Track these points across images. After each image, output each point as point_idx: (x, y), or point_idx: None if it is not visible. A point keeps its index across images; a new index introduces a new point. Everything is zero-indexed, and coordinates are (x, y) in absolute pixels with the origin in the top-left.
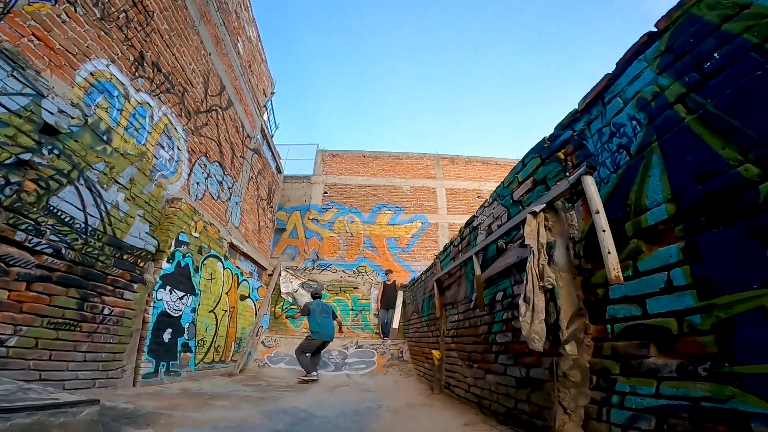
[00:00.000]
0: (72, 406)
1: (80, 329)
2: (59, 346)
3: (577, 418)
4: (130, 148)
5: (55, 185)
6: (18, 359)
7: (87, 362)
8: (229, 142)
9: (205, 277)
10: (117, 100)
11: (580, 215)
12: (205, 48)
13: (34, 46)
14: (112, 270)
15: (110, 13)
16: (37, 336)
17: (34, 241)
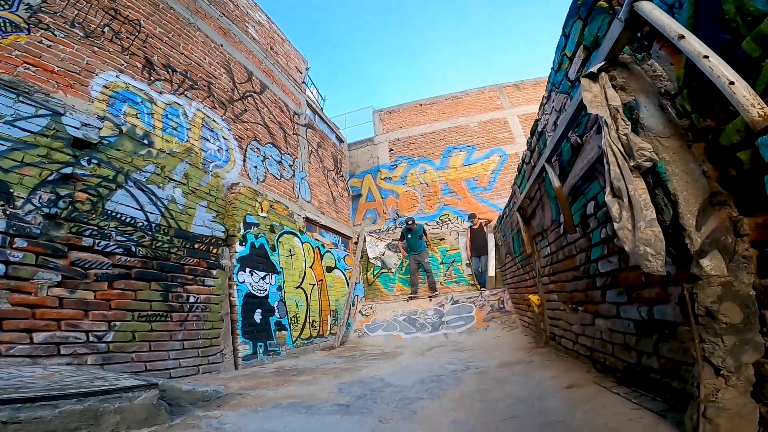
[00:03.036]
0: (127, 391)
1: (171, 319)
2: (155, 336)
3: (741, 381)
4: (174, 147)
5: (105, 191)
6: (120, 353)
7: (186, 350)
8: (276, 123)
9: (284, 254)
10: (143, 105)
11: (665, 60)
12: (214, 41)
13: (33, 73)
14: (187, 260)
15: (92, 31)
16: (132, 329)
17: (102, 243)
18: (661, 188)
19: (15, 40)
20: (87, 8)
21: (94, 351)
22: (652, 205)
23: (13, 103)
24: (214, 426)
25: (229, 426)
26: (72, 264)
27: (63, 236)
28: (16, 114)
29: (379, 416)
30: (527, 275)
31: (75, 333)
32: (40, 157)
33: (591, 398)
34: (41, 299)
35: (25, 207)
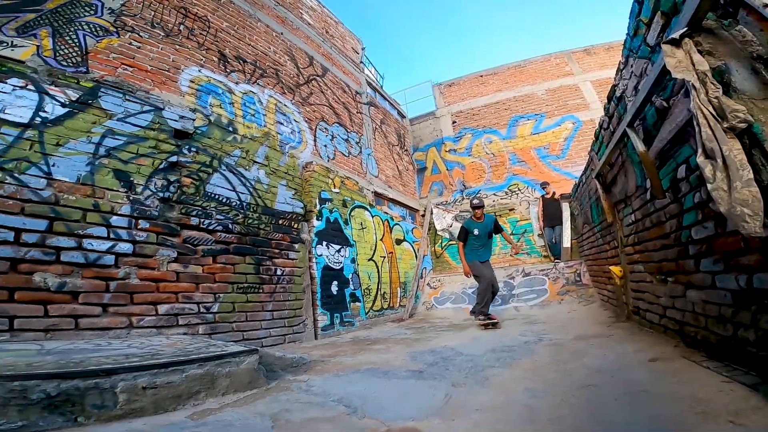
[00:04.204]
0: (235, 356)
1: (263, 290)
2: (250, 307)
3: None
4: (254, 132)
5: (204, 175)
6: (223, 323)
7: (275, 320)
8: (341, 103)
9: (356, 228)
10: (224, 96)
11: (754, 26)
12: (274, 30)
13: (130, 72)
14: (274, 235)
15: (171, 29)
16: (232, 300)
17: (206, 222)
18: (758, 148)
19: (108, 43)
20: (161, 9)
21: (203, 321)
22: (748, 165)
23: (122, 102)
24: (303, 389)
25: (316, 388)
26: (184, 241)
27: (175, 217)
28: (126, 111)
29: (452, 381)
30: (608, 245)
31: (189, 304)
32: (150, 149)
33: (678, 371)
34: (163, 274)
35: (144, 193)
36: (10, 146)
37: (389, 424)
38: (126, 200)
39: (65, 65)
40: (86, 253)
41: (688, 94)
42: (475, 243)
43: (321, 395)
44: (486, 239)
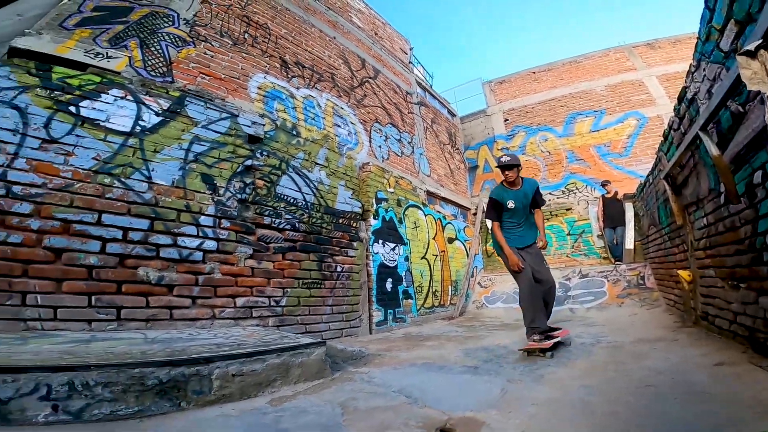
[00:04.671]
0: (306, 347)
1: (324, 286)
2: (313, 302)
3: None
4: (315, 135)
5: (275, 177)
6: (289, 316)
7: (334, 314)
8: (392, 104)
9: (409, 226)
10: (287, 101)
11: None
12: (327, 34)
13: (208, 81)
14: (334, 233)
15: (237, 38)
16: (297, 295)
17: (277, 221)
18: None
19: (187, 53)
20: (226, 18)
21: (273, 314)
22: None
23: (204, 110)
24: (365, 380)
25: (377, 379)
26: (258, 239)
27: (251, 216)
28: (208, 119)
29: (507, 378)
30: (676, 248)
31: (262, 298)
32: (229, 153)
33: (743, 375)
34: (240, 269)
35: (225, 194)
36: (116, 153)
37: (449, 413)
38: (211, 201)
39: (154, 75)
40: (180, 250)
41: (764, 102)
42: (510, 221)
43: (382, 386)
44: (526, 215)
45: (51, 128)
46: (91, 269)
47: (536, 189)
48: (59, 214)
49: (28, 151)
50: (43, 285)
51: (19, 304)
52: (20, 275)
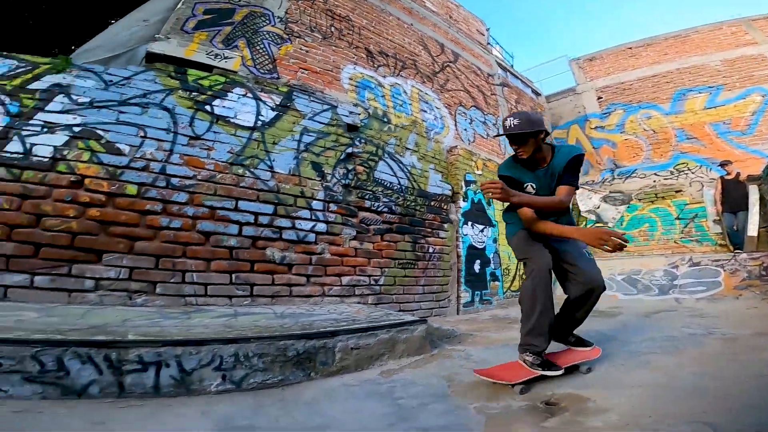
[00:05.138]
0: (411, 324)
1: (417, 266)
2: (407, 281)
3: None
4: (404, 121)
5: (372, 163)
6: (386, 294)
7: (425, 294)
8: (475, 87)
9: (497, 208)
10: (376, 89)
11: None
12: (404, 21)
13: (307, 75)
14: (426, 215)
15: (325, 32)
16: (394, 275)
17: (376, 205)
18: None
19: (286, 49)
20: (313, 13)
21: (372, 292)
22: None
23: (308, 102)
24: (463, 356)
25: (475, 357)
26: (361, 222)
27: (354, 200)
28: (312, 111)
29: (609, 362)
30: None
31: (363, 277)
32: (332, 142)
33: None
34: (346, 250)
35: (332, 180)
36: (245, 146)
37: (551, 390)
38: (320, 187)
39: (263, 72)
40: (297, 232)
41: None
42: None
43: (480, 363)
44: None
45: (194, 126)
46: (232, 250)
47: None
48: (207, 202)
49: (179, 147)
50: (197, 264)
51: (180, 281)
52: (180, 256)
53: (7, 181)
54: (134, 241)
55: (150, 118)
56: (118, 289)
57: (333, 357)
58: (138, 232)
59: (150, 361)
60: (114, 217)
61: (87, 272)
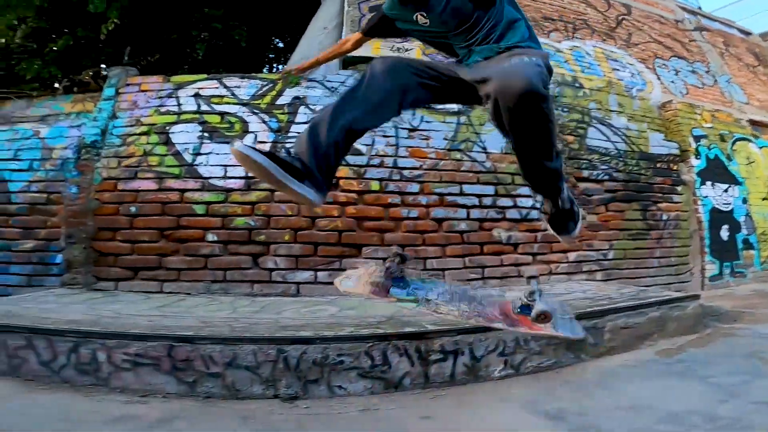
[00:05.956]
0: (682, 300)
1: (649, 237)
2: (638, 254)
3: None
4: (597, 83)
5: (582, 131)
6: (615, 269)
7: (661, 267)
8: (665, 36)
9: (741, 163)
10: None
11: None
12: None
13: None
14: (654, 179)
15: None
16: (623, 247)
17: (594, 173)
18: None
19: None
20: None
21: (600, 268)
22: None
23: None
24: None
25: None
26: (581, 193)
27: (570, 172)
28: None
29: None
30: None
31: (589, 252)
32: None
33: None
34: None
35: None
36: (456, 131)
37: None
38: None
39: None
40: (520, 210)
41: None
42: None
43: None
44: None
45: (409, 119)
46: (463, 234)
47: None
48: (436, 189)
49: (402, 140)
50: (435, 251)
51: (422, 269)
52: (420, 244)
53: None
54: (383, 233)
55: None
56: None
57: (602, 337)
58: (385, 225)
59: (450, 350)
60: (365, 212)
61: (353, 265)
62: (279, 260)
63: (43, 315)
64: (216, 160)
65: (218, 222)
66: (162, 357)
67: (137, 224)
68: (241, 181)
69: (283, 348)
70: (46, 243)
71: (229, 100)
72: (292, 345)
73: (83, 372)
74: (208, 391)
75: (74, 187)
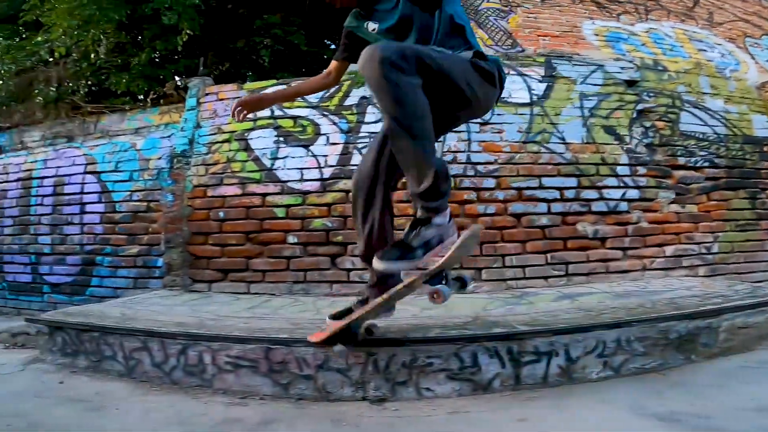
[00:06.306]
0: None
1: (760, 227)
2: (748, 246)
3: None
4: (683, 65)
5: (673, 116)
6: (721, 264)
7: None
8: (751, 13)
9: None
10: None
11: None
12: None
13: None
14: (761, 164)
15: None
16: (730, 240)
17: (692, 160)
18: None
19: (515, 20)
20: None
21: (704, 263)
22: None
23: (571, 67)
24: None
25: None
26: (678, 182)
27: (663, 159)
28: (579, 74)
29: None
30: None
31: (690, 245)
32: (617, 102)
33: None
34: (665, 216)
35: (631, 142)
36: (530, 123)
37: None
38: (621, 151)
39: (506, 48)
40: (607, 202)
41: None
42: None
43: None
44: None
45: None
46: (544, 229)
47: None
48: (513, 184)
49: (474, 135)
50: (514, 247)
51: (501, 266)
52: (499, 240)
53: None
54: (459, 231)
55: None
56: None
57: (716, 338)
58: (460, 222)
59: (544, 351)
60: None
61: None
62: (356, 260)
63: (153, 317)
64: (292, 164)
65: (298, 224)
66: (260, 359)
67: (225, 228)
68: (316, 183)
69: (372, 350)
70: (149, 248)
71: (299, 103)
72: (381, 347)
73: (190, 374)
74: (301, 393)
75: (170, 195)
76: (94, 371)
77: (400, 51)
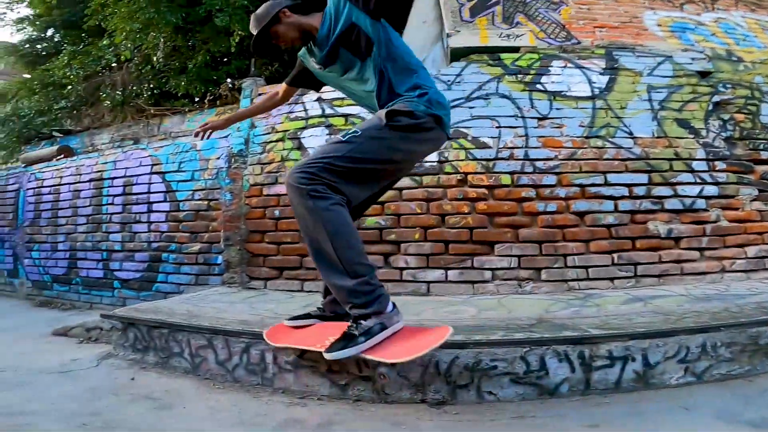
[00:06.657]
0: None
1: None
2: None
3: None
4: (759, 55)
5: (753, 108)
6: None
7: None
8: None
9: None
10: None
11: None
12: None
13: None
14: None
15: None
16: None
17: None
18: None
19: (567, 12)
20: None
21: None
22: None
23: (635, 59)
24: None
25: None
26: (761, 177)
27: (744, 154)
28: (646, 66)
29: None
30: None
31: None
32: (690, 94)
33: None
34: (747, 214)
35: (708, 135)
36: (593, 117)
37: None
38: (697, 145)
39: (561, 40)
40: (682, 200)
41: None
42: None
43: None
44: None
45: (536, 107)
46: (610, 228)
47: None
48: (576, 180)
49: (532, 130)
50: (577, 247)
51: (562, 266)
52: (560, 239)
53: (413, 188)
54: (517, 229)
55: (496, 108)
56: (510, 278)
57: None
58: (518, 220)
59: (618, 356)
60: (497, 208)
61: (485, 263)
62: (410, 259)
63: (217, 315)
64: None
65: None
66: (319, 359)
67: (281, 227)
68: None
69: (434, 353)
70: (209, 245)
71: (349, 101)
72: (443, 350)
73: (252, 372)
74: (358, 395)
75: (228, 194)
76: (162, 368)
77: (308, 175)
